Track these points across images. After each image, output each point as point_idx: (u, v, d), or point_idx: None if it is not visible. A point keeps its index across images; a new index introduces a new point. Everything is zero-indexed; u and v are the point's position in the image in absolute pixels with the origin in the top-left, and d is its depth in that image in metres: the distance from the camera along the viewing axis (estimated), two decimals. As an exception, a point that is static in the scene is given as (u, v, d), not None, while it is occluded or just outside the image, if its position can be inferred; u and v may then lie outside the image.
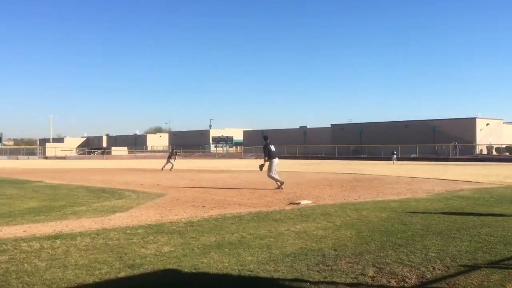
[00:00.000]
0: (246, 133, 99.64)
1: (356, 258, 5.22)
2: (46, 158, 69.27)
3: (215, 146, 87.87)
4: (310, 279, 4.40)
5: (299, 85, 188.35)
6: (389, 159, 44.52)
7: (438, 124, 69.06)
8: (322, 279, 4.41)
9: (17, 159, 64.00)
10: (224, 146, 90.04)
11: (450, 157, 57.75)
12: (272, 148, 14.72)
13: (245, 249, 5.67)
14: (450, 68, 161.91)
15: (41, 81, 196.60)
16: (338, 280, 4.38)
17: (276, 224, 7.48)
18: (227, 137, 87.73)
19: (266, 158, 14.54)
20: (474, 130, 65.96)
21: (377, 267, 4.82)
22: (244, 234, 6.62)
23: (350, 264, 4.95)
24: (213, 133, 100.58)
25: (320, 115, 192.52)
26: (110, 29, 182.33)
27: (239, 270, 4.72)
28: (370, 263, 4.97)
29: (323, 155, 64.73)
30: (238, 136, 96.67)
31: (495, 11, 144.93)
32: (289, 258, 5.19)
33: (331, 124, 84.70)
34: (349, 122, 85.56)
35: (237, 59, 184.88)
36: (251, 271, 4.69)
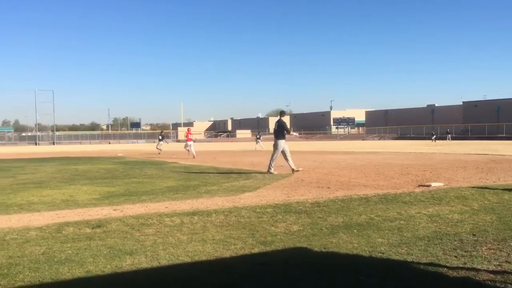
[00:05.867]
0: (368, 113, 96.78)
1: (499, 244, 4.83)
2: (178, 141, 74.73)
3: (336, 128, 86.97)
4: (448, 264, 4.18)
5: (425, 62, 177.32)
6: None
7: None
8: (461, 265, 4.16)
9: (154, 142, 70.13)
10: (346, 127, 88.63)
11: None
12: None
13: (375, 230, 5.56)
14: None
15: (173, 72, 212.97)
16: (479, 267, 4.09)
17: (405, 206, 7.21)
18: (348, 118, 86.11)
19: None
20: None
21: (525, 256, 4.40)
22: (372, 216, 6.49)
23: (492, 251, 4.59)
24: (334, 114, 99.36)
25: (449, 92, 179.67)
26: (233, 21, 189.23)
27: (369, 252, 4.66)
28: (516, 251, 4.56)
29: (453, 135, 60.33)
30: (360, 117, 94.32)
31: None
32: (422, 242, 4.98)
33: (463, 102, 78.58)
34: (484, 99, 78.51)
35: (357, 38, 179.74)
36: (383, 253, 4.59)
